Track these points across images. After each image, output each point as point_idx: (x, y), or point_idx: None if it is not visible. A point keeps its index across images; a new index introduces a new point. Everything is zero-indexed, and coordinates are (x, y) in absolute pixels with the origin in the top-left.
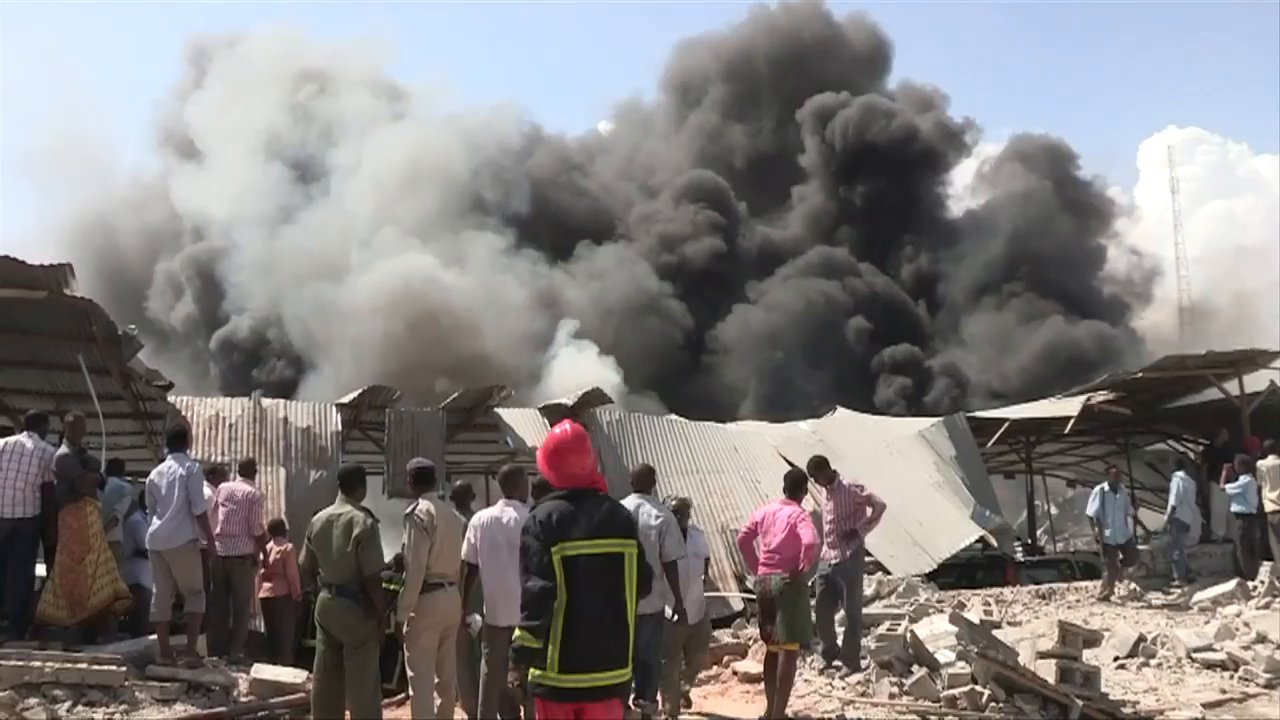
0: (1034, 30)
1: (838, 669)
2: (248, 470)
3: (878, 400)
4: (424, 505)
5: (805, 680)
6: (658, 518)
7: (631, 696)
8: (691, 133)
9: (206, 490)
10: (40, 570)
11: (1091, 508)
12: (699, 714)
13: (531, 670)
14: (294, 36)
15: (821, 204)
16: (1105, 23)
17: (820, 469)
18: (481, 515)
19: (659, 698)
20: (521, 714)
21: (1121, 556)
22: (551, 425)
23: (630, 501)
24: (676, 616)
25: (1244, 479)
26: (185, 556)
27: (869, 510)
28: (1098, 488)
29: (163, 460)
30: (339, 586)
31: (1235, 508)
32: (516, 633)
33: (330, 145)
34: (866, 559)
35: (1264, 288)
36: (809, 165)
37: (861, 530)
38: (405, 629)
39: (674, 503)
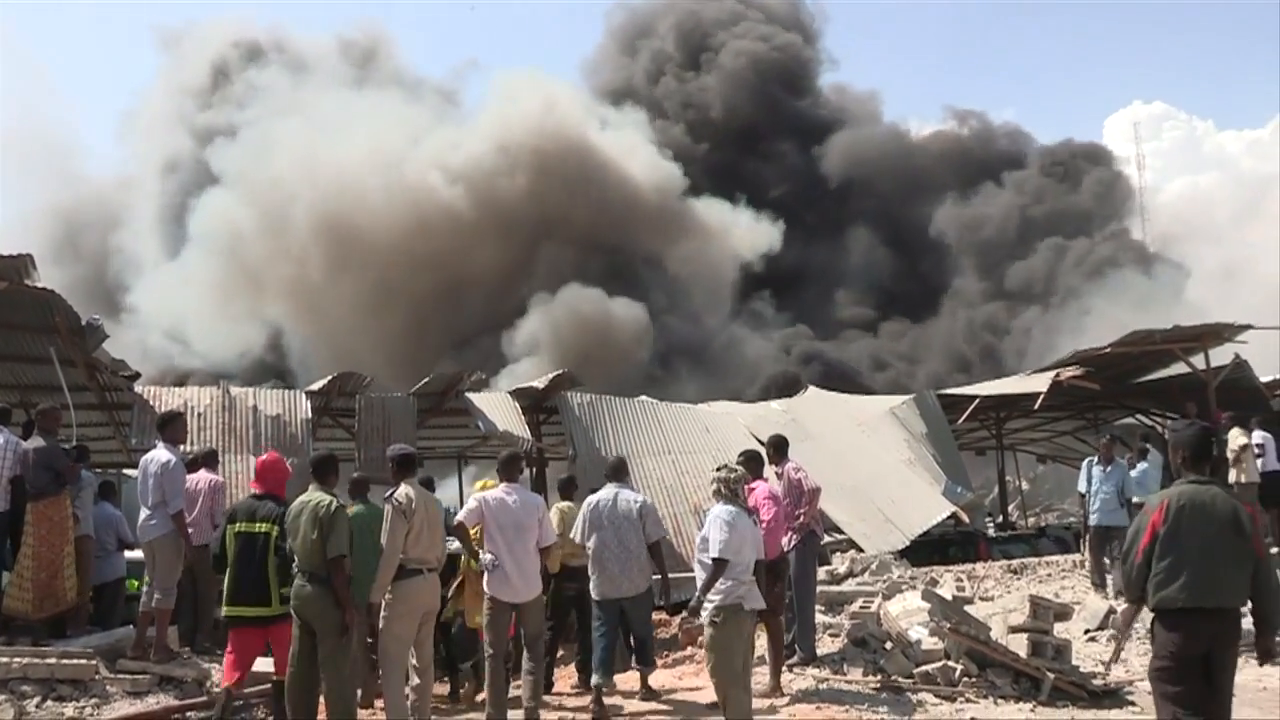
0: (996, 4)
1: (790, 652)
2: (210, 460)
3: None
4: (404, 490)
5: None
6: (636, 502)
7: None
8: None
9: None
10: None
11: (1080, 484)
12: (675, 692)
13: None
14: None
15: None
16: None
17: (776, 450)
18: (488, 498)
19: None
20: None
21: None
22: (522, 409)
23: (607, 491)
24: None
25: (1141, 464)
26: (165, 549)
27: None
28: (1086, 461)
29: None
30: (310, 573)
31: (1136, 497)
32: None
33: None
34: (839, 537)
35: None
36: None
37: (804, 518)
38: (382, 613)
39: (720, 475)
